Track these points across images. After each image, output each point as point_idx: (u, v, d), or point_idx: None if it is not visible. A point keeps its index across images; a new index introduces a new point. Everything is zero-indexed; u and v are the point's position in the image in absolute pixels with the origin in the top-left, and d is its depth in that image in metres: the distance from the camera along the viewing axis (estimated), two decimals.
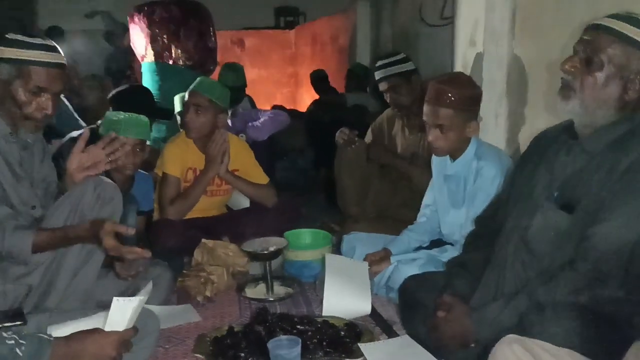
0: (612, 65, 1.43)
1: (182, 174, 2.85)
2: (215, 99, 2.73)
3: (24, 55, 1.75)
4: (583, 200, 1.46)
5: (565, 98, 1.49)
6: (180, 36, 3.78)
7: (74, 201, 1.89)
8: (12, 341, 1.21)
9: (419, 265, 2.13)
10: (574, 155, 1.52)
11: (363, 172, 3.04)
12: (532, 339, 1.26)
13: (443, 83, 2.10)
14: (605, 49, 1.43)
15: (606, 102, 1.45)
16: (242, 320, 2.14)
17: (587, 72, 1.45)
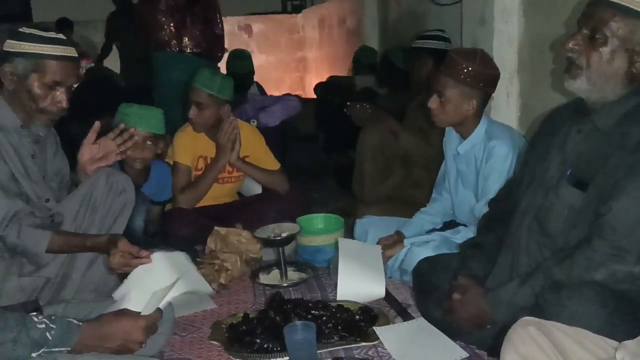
0: (616, 39, 1.41)
1: (193, 162, 2.85)
2: (215, 93, 2.71)
3: (39, 50, 1.76)
4: (596, 177, 1.44)
5: (573, 76, 1.48)
6: (187, 24, 3.75)
7: (86, 192, 1.91)
8: (42, 325, 1.25)
9: (433, 247, 2.12)
10: (585, 133, 1.51)
11: (385, 156, 3.02)
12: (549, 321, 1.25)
13: (455, 52, 2.11)
14: (607, 23, 1.41)
15: (614, 77, 1.44)
16: (257, 307, 2.15)
17: (591, 48, 1.44)
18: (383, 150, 3.00)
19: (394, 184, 3.02)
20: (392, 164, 3.03)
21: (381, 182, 3.02)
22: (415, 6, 4.07)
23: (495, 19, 2.73)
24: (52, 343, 1.25)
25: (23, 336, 1.21)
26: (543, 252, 1.56)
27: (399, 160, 3.01)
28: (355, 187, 3.13)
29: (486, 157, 2.11)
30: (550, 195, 1.54)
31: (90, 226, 1.91)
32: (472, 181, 2.19)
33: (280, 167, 2.99)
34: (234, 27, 7.55)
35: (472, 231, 2.09)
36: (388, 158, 3.02)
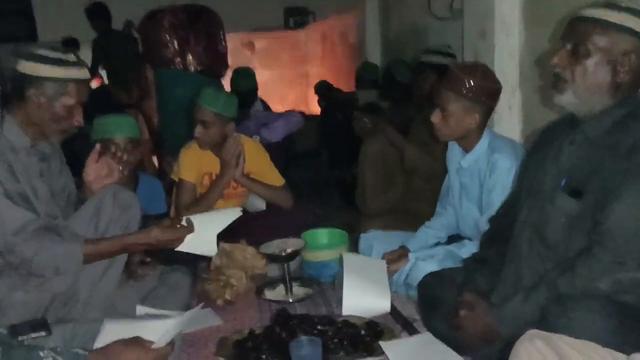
0: (599, 52, 1.47)
1: (198, 179, 2.86)
2: (220, 111, 2.72)
3: (67, 74, 1.83)
4: (590, 184, 1.47)
5: (560, 91, 1.53)
6: (190, 41, 3.80)
7: (93, 209, 1.93)
8: (49, 358, 1.25)
9: (438, 261, 2.12)
10: (577, 143, 1.54)
11: (387, 167, 3.04)
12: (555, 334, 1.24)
13: (456, 67, 2.12)
14: (589, 37, 1.47)
15: (600, 88, 1.49)
16: (263, 323, 2.15)
17: (575, 62, 1.50)
18: (384, 161, 3.02)
19: (396, 195, 3.02)
20: (394, 174, 3.04)
21: (383, 192, 3.04)
22: (417, 21, 4.11)
23: (496, 32, 2.74)
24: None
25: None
26: (545, 264, 1.57)
27: (400, 170, 3.02)
28: (358, 200, 3.14)
29: (489, 170, 2.12)
30: (547, 206, 1.56)
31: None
32: (476, 195, 2.20)
33: (284, 183, 3.00)
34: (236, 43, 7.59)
35: (477, 245, 2.09)
36: (389, 168, 3.04)
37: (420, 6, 3.96)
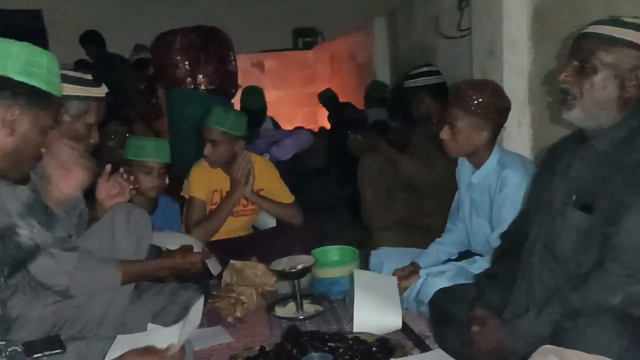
0: (605, 67, 1.48)
1: (208, 196, 2.88)
2: (229, 130, 2.75)
3: (88, 93, 1.88)
4: (600, 199, 1.47)
5: (568, 107, 1.55)
6: (201, 62, 3.85)
7: (107, 227, 1.95)
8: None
9: (449, 277, 2.11)
10: (587, 158, 1.55)
11: (386, 182, 3.06)
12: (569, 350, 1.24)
13: (464, 84, 2.14)
14: (595, 53, 1.48)
15: (608, 103, 1.50)
16: (273, 340, 2.14)
17: (583, 78, 1.51)
18: (383, 177, 3.04)
19: (400, 211, 3.03)
20: (394, 189, 3.06)
21: (385, 208, 3.05)
22: (425, 40, 4.14)
23: (504, 50, 2.76)
24: None
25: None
26: (557, 279, 1.56)
27: (399, 185, 3.04)
28: (364, 216, 3.16)
29: (500, 186, 2.12)
30: (558, 221, 1.56)
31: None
32: (487, 210, 2.19)
33: (294, 200, 3.01)
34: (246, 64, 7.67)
35: (488, 261, 2.08)
36: (389, 183, 3.06)
37: (428, 25, 4.00)
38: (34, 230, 1.68)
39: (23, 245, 1.59)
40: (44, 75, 1.36)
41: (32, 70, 1.35)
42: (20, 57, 1.34)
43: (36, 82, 1.35)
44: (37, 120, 1.37)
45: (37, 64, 1.36)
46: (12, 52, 1.33)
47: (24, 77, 1.34)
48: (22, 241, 1.61)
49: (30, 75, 1.35)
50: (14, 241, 1.57)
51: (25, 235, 1.63)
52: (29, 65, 1.35)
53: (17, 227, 1.58)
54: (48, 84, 1.38)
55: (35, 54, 1.36)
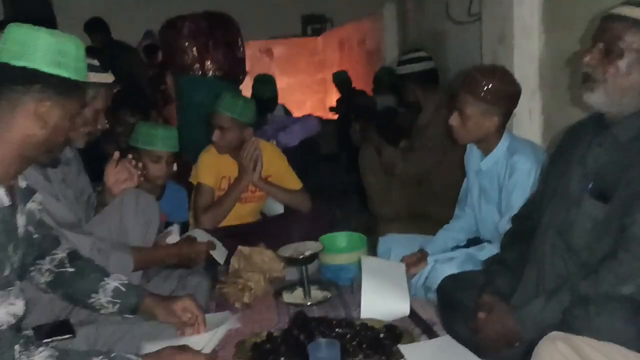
0: (632, 52, 1.43)
1: (217, 183, 2.88)
2: (237, 117, 2.74)
3: (97, 79, 1.87)
4: (618, 189, 1.44)
5: (590, 90, 1.49)
6: (209, 48, 3.84)
7: (116, 212, 1.97)
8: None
9: (457, 264, 2.10)
10: (606, 146, 1.51)
11: (383, 175, 3.07)
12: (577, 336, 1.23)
13: (474, 69, 2.11)
14: (622, 37, 1.43)
15: (631, 89, 1.45)
16: (281, 326, 2.14)
17: (607, 61, 1.46)
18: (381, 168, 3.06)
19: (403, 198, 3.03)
20: (392, 177, 3.07)
21: (388, 194, 3.05)
22: (435, 25, 4.10)
23: (515, 36, 2.73)
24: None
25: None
26: (569, 267, 1.54)
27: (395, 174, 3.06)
28: (369, 204, 3.17)
29: (509, 172, 2.10)
30: (573, 209, 1.53)
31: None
32: (495, 197, 2.18)
33: (302, 187, 3.00)
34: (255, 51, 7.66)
35: (497, 247, 2.07)
36: (384, 174, 3.08)
37: (438, 11, 3.96)
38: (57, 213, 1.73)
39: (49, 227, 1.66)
40: (72, 64, 1.34)
41: (61, 60, 1.31)
42: (49, 47, 1.30)
43: (65, 73, 1.32)
44: (67, 109, 1.36)
45: (66, 53, 1.33)
46: (40, 43, 1.30)
47: (53, 68, 1.30)
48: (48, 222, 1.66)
49: (59, 66, 1.31)
50: (45, 222, 1.63)
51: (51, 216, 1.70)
52: (58, 55, 1.31)
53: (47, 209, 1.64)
54: (76, 72, 1.35)
55: (63, 42, 1.33)
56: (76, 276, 1.62)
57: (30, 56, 1.29)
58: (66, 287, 1.64)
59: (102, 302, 1.64)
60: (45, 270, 1.62)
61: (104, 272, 1.69)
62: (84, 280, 1.63)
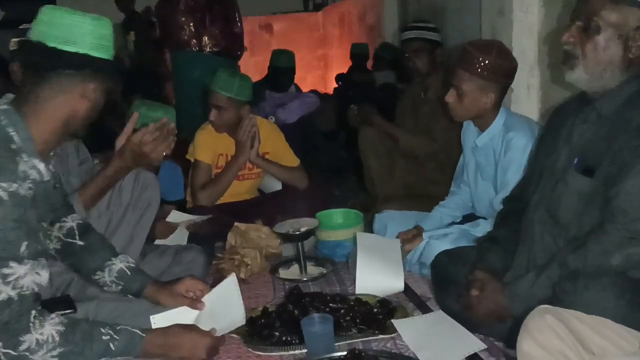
0: (609, 27, 1.43)
1: (214, 160, 2.88)
2: (234, 95, 2.72)
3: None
4: (602, 162, 1.45)
5: (571, 67, 1.50)
6: (206, 23, 3.80)
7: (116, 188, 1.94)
8: (107, 337, 1.36)
9: (451, 240, 2.11)
10: (590, 121, 1.52)
11: (387, 151, 3.04)
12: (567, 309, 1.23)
13: (470, 45, 2.08)
14: (599, 12, 1.43)
15: (611, 64, 1.45)
16: (277, 301, 2.16)
17: (586, 38, 1.46)
18: (383, 145, 3.03)
19: (403, 179, 3.02)
20: (395, 158, 3.04)
21: (389, 176, 3.03)
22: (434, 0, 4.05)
23: (514, 9, 2.69)
24: (115, 353, 1.36)
25: (87, 350, 1.33)
26: (558, 243, 1.55)
27: (400, 153, 3.02)
28: (368, 185, 3.15)
29: (505, 149, 2.09)
30: (559, 185, 1.54)
31: (120, 222, 1.95)
32: (491, 173, 2.17)
33: (299, 164, 3.00)
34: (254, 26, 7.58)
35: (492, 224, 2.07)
36: (389, 151, 3.04)
37: None
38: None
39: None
40: (110, 46, 1.43)
41: (103, 44, 1.40)
42: (93, 32, 1.38)
43: (107, 55, 1.41)
44: (105, 87, 1.45)
45: (105, 36, 1.41)
46: (85, 27, 1.37)
47: (99, 52, 1.39)
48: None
49: (102, 50, 1.40)
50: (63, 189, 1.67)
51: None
52: (101, 39, 1.39)
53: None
54: (111, 54, 1.44)
55: (102, 25, 1.40)
56: (85, 251, 1.65)
57: (79, 41, 1.36)
58: (73, 259, 1.67)
59: (106, 281, 1.66)
60: (54, 237, 1.65)
61: (113, 252, 1.70)
62: (91, 257, 1.65)
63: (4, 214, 1.25)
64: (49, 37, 1.35)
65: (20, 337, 1.27)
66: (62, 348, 1.30)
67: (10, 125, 1.33)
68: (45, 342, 1.29)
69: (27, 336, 1.27)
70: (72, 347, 1.32)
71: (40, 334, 1.29)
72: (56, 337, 1.30)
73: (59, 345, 1.30)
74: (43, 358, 1.29)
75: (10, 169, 1.28)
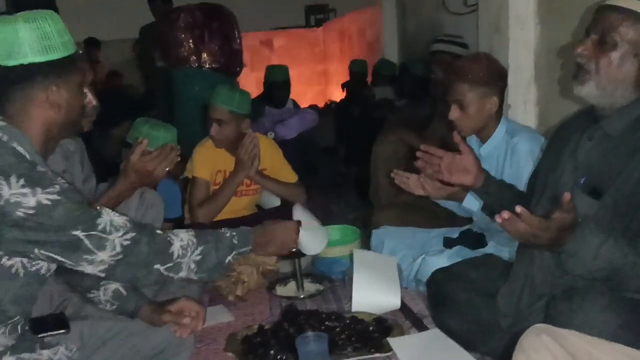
0: (626, 44, 1.40)
1: (212, 176, 2.88)
2: (235, 109, 2.73)
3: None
4: (612, 185, 1.41)
5: (581, 82, 1.47)
6: (205, 40, 3.83)
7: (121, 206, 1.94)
8: (228, 234, 1.52)
9: (448, 256, 2.10)
10: (596, 140, 1.49)
11: (400, 165, 3.01)
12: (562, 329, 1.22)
13: (461, 60, 2.15)
14: (616, 28, 1.40)
15: (623, 82, 1.42)
16: (273, 319, 2.15)
17: (600, 53, 1.43)
18: (398, 161, 2.99)
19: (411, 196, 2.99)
20: (407, 171, 3.00)
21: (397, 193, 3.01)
22: (432, 16, 4.07)
23: (510, 26, 2.71)
24: (239, 245, 1.52)
25: (219, 244, 1.48)
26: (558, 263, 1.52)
27: (414, 170, 2.98)
28: (373, 198, 3.13)
29: (509, 153, 2.10)
30: None
31: None
32: None
33: (297, 180, 3.00)
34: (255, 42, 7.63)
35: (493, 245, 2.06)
36: (402, 166, 3.00)
37: (435, 2, 3.93)
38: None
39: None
40: (58, 43, 1.35)
41: (47, 44, 1.33)
42: (31, 37, 1.31)
43: (56, 54, 1.34)
44: (72, 85, 1.40)
45: (48, 36, 1.33)
46: (21, 35, 1.31)
47: (44, 55, 1.32)
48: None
49: (48, 50, 1.33)
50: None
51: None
52: (42, 40, 1.32)
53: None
54: (65, 48, 1.37)
55: (41, 25, 1.33)
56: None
57: (18, 53, 1.31)
58: (68, 276, 1.66)
59: (101, 300, 1.65)
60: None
61: None
62: (86, 276, 1.59)
63: (69, 206, 1.28)
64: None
65: (169, 250, 1.39)
66: (202, 246, 1.44)
67: (13, 140, 1.32)
68: (188, 246, 1.42)
69: (173, 247, 1.40)
70: (207, 244, 1.45)
71: (181, 240, 1.41)
72: (193, 239, 1.43)
73: (197, 244, 1.43)
74: (191, 259, 1.43)
75: (43, 176, 1.29)
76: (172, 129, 2.48)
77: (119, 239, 1.33)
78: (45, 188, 1.26)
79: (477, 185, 1.75)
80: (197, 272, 1.45)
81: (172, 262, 1.40)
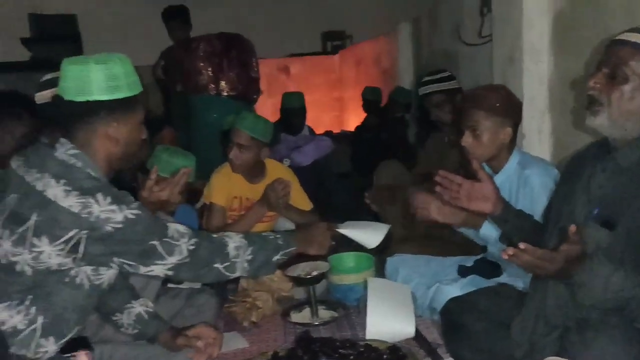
0: (637, 77, 1.44)
1: (228, 202, 2.91)
2: (257, 136, 2.77)
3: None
4: (625, 216, 1.43)
5: (594, 113, 1.50)
6: (223, 68, 3.91)
7: None
8: (272, 236, 1.69)
9: (461, 285, 2.10)
10: (609, 171, 1.51)
11: (404, 194, 3.03)
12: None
13: (478, 89, 2.19)
14: (627, 62, 1.44)
15: (635, 114, 1.46)
16: (288, 345, 2.16)
17: (612, 86, 1.47)
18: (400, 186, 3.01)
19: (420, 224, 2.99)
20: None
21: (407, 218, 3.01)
22: (447, 46, 4.13)
23: (524, 58, 2.75)
24: (284, 246, 1.67)
25: (266, 244, 1.65)
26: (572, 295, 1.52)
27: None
28: None
29: (521, 185, 2.10)
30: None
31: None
32: None
33: (312, 207, 3.03)
34: (272, 68, 7.73)
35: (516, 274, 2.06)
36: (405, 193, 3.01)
37: (450, 32, 3.99)
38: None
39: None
40: (124, 84, 1.48)
41: (113, 85, 1.46)
42: (100, 77, 1.45)
43: (120, 94, 1.48)
44: (132, 122, 1.54)
45: (115, 77, 1.46)
46: (92, 75, 1.44)
47: (109, 94, 1.46)
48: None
49: (113, 90, 1.46)
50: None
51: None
52: (109, 81, 1.45)
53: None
54: (129, 88, 1.50)
55: (110, 67, 1.46)
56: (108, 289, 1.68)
57: (87, 90, 1.45)
58: None
59: (124, 323, 1.73)
60: None
61: (133, 294, 1.76)
62: (112, 296, 1.70)
63: (147, 219, 1.47)
64: (65, 90, 1.46)
65: (224, 250, 1.57)
66: (252, 247, 1.61)
67: (86, 166, 1.46)
68: (241, 246, 1.59)
69: (228, 247, 1.57)
70: (257, 245, 1.62)
71: (234, 242, 1.59)
72: (244, 240, 1.61)
73: (248, 245, 1.61)
74: (245, 258, 1.59)
75: (123, 194, 1.46)
76: (191, 156, 2.52)
77: (185, 244, 1.50)
78: (129, 204, 1.44)
79: (495, 213, 1.76)
80: (249, 270, 1.62)
81: (229, 261, 1.56)
